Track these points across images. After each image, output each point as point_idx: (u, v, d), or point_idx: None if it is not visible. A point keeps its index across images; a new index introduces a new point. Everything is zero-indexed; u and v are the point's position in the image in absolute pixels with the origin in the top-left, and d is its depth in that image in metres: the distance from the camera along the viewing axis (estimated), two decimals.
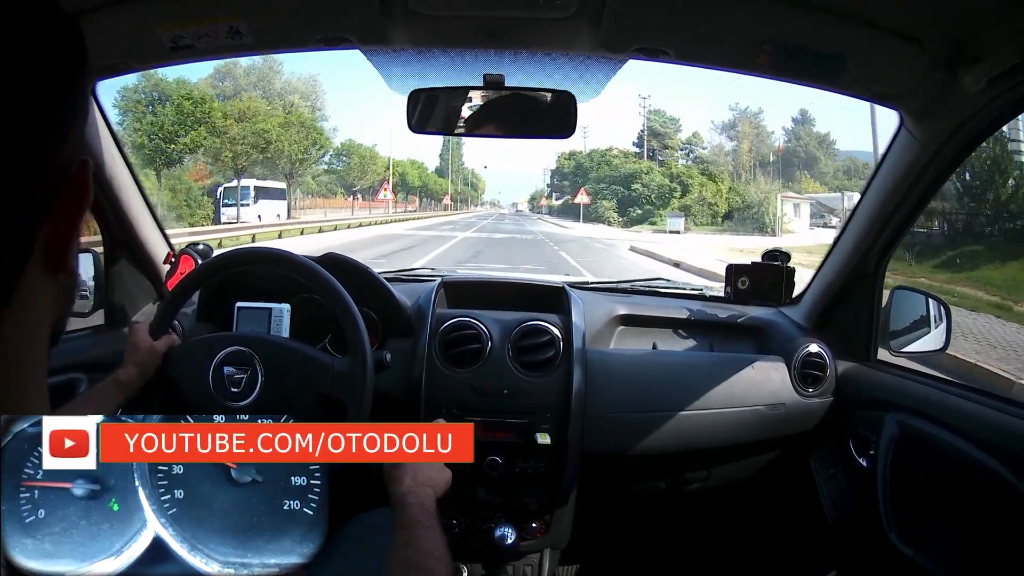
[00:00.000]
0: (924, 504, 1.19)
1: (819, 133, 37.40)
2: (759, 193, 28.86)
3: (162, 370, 1.11)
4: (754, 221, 27.05)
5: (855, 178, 32.76)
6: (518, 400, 1.39)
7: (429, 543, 0.83)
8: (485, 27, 1.11)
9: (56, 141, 0.36)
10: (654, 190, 32.45)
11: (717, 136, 38.34)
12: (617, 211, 33.04)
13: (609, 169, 35.83)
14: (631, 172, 34.49)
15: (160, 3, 1.00)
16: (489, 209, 61.96)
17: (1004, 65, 0.91)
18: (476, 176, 66.12)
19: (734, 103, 40.45)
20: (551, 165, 54.26)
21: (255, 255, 1.22)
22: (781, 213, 26.49)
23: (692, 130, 42.63)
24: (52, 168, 0.36)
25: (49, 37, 0.36)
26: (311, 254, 1.29)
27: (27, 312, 0.36)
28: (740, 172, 34.99)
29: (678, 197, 31.70)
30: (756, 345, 1.63)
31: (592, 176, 36.39)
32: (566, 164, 42.17)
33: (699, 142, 38.46)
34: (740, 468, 1.57)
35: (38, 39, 0.35)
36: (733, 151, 36.93)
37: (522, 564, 1.47)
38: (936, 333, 1.40)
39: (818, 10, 0.96)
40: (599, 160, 37.41)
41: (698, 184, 31.92)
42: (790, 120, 37.98)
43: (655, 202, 32.31)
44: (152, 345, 1.11)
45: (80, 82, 0.38)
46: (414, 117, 1.25)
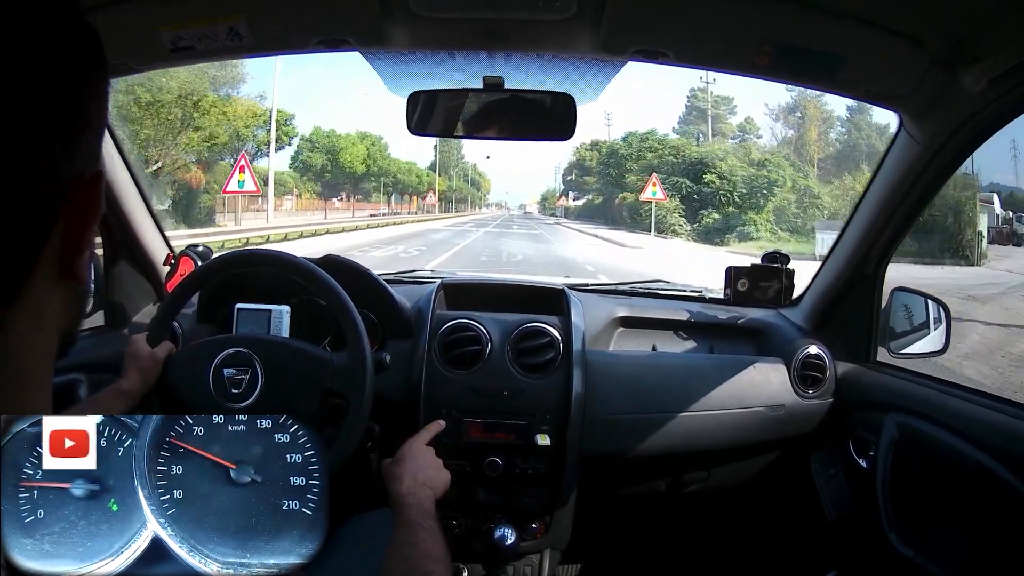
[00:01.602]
0: (924, 505, 1.19)
1: (878, 124, 26.36)
2: (949, 198, 14.28)
3: (162, 377, 1.11)
4: (942, 240, 14.86)
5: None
6: (518, 401, 1.39)
7: (428, 544, 0.83)
8: (485, 29, 1.11)
9: (68, 148, 0.35)
10: (738, 184, 21.51)
11: (772, 122, 30.16)
12: (683, 215, 21.78)
13: (661, 154, 24.42)
14: (699, 157, 23.29)
15: (160, 4, 1.00)
16: (495, 211, 56.21)
17: (1005, 65, 0.91)
18: (479, 173, 57.35)
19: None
20: (563, 164, 47.84)
21: (255, 257, 1.22)
22: (980, 229, 15.16)
23: (745, 114, 33.48)
24: (61, 173, 0.35)
25: (64, 40, 0.35)
26: (311, 256, 1.29)
27: (35, 317, 0.36)
28: (803, 167, 24.86)
29: (772, 195, 21.37)
30: (756, 347, 1.63)
31: (634, 167, 25.39)
32: (588, 156, 34.19)
33: (754, 129, 29.89)
34: (740, 469, 1.57)
35: (52, 42, 0.34)
36: (796, 139, 27.81)
37: (522, 565, 1.47)
38: (936, 334, 1.40)
39: (818, 10, 0.96)
40: (638, 146, 26.30)
41: (789, 176, 21.99)
42: (844, 108, 28.27)
43: (741, 202, 21.30)
44: (152, 353, 1.11)
45: (95, 88, 0.38)
46: (414, 119, 1.25)
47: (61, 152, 0.35)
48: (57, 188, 0.35)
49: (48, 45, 0.34)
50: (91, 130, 0.37)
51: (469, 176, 54.58)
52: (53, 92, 0.34)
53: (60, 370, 1.34)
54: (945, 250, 14.78)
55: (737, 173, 22.11)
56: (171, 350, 1.15)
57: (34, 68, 0.33)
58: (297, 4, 1.05)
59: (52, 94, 0.34)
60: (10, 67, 0.32)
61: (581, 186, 36.61)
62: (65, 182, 0.35)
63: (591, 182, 33.92)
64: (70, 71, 0.36)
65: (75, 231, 0.37)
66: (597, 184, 31.78)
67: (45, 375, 0.38)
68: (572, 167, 38.33)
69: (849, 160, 26.01)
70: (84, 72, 0.37)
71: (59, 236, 0.36)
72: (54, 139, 0.34)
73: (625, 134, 28.69)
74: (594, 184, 32.99)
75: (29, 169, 0.33)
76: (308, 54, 1.17)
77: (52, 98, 0.34)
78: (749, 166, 22.67)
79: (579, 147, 35.60)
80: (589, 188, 34.66)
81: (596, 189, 32.44)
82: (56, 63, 0.35)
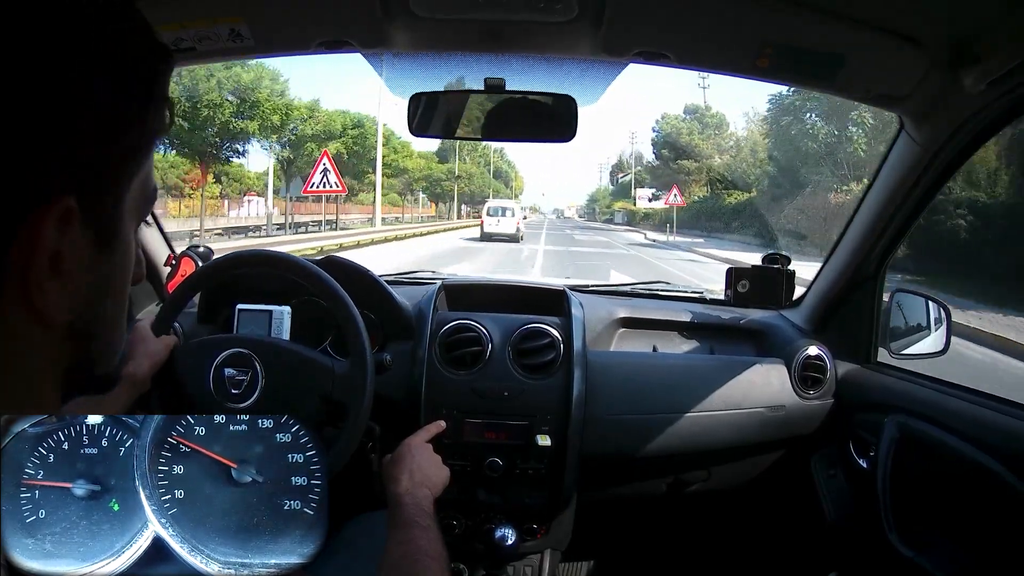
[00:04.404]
0: (925, 506, 1.19)
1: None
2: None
3: (167, 366, 1.11)
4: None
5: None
6: (518, 402, 1.39)
7: (424, 542, 0.84)
8: (486, 31, 1.11)
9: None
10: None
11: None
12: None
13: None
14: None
15: (161, 4, 1.00)
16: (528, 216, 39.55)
17: (1005, 66, 0.91)
18: (511, 166, 42.80)
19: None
20: (611, 160, 36.07)
21: (256, 257, 1.23)
22: None
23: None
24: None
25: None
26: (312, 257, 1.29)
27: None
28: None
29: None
30: (756, 347, 1.63)
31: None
32: (683, 128, 22.28)
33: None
34: (740, 470, 1.57)
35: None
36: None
37: (522, 565, 1.47)
38: (936, 336, 1.40)
39: (819, 12, 0.96)
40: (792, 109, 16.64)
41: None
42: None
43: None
44: (158, 340, 1.11)
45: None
46: (415, 121, 1.25)
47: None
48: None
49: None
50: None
51: (491, 165, 38.26)
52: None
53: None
54: None
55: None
56: (175, 341, 1.15)
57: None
58: (299, 5, 1.05)
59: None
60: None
61: (661, 174, 23.84)
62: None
63: (690, 167, 22.15)
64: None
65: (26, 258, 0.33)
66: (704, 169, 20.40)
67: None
68: (659, 143, 24.52)
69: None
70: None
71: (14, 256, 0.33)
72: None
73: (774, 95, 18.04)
74: (693, 169, 21.63)
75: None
76: (310, 55, 1.17)
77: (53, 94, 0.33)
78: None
79: (662, 118, 24.09)
80: (667, 178, 22.52)
81: (679, 173, 20.52)
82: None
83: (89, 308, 0.37)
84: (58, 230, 0.33)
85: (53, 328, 0.35)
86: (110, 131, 0.35)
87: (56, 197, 0.33)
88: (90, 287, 0.37)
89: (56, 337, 0.36)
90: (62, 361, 0.38)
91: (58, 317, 0.35)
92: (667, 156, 22.63)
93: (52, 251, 0.33)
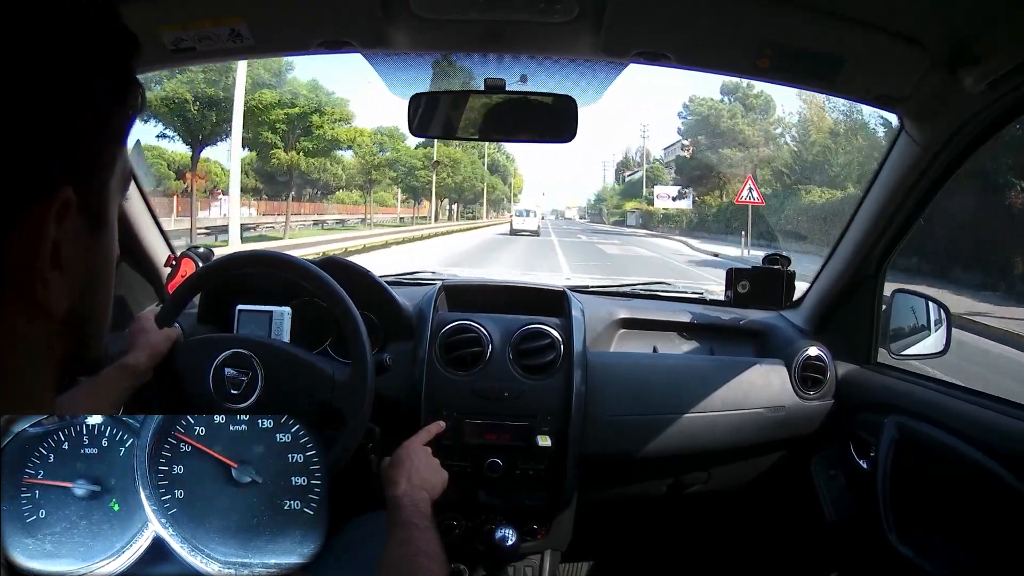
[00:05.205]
0: (925, 506, 1.19)
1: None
2: None
3: (168, 360, 1.10)
4: None
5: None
6: (519, 403, 1.39)
7: (422, 543, 0.84)
8: (486, 31, 1.11)
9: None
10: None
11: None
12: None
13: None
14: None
15: (162, 4, 1.00)
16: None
17: (1005, 66, 0.91)
18: (510, 159, 36.19)
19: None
20: (616, 156, 33.98)
21: (256, 258, 1.22)
22: None
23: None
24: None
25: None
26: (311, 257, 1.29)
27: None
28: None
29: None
30: (756, 348, 1.63)
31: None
32: (720, 109, 18.71)
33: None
34: (740, 470, 1.57)
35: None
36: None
37: (523, 565, 1.47)
38: (936, 336, 1.40)
39: (819, 12, 0.96)
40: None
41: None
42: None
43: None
44: (160, 331, 1.10)
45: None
46: (415, 121, 1.25)
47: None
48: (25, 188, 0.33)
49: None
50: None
51: (486, 157, 31.64)
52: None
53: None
54: None
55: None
56: (179, 334, 1.14)
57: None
58: (299, 6, 1.05)
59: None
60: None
61: (697, 169, 19.54)
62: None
63: (734, 156, 18.17)
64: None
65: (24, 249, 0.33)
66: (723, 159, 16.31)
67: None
68: (690, 129, 20.27)
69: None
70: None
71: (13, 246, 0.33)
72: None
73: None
74: (737, 160, 17.46)
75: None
76: (311, 55, 1.17)
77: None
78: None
79: (691, 101, 19.83)
80: (694, 171, 18.43)
81: (710, 159, 16.72)
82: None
83: (83, 294, 0.38)
84: (57, 222, 0.34)
85: (51, 320, 0.36)
86: (102, 121, 0.36)
87: (56, 190, 0.34)
88: (85, 272, 0.38)
89: (53, 328, 0.37)
90: (57, 350, 0.38)
91: (59, 308, 0.35)
92: (703, 144, 19.40)
93: (53, 243, 0.34)
